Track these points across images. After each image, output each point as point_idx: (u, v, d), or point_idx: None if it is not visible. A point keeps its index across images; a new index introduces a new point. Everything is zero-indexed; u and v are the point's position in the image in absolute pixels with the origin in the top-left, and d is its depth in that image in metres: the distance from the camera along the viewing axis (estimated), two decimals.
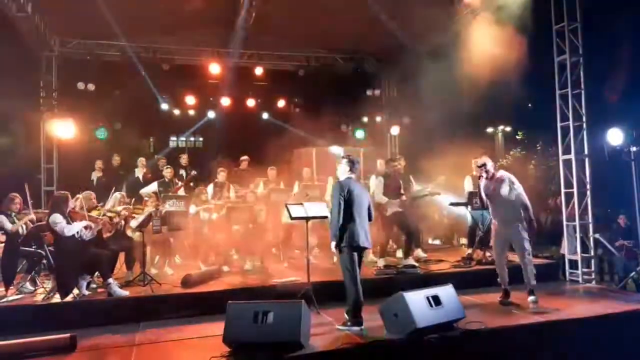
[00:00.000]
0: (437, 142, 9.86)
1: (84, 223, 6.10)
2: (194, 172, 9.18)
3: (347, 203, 5.13)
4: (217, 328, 4.78)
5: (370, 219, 5.38)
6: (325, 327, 5.27)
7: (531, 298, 5.74)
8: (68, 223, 5.94)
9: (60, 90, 10.94)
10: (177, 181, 8.74)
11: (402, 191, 7.96)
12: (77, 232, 6.02)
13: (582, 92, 7.42)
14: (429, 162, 9.11)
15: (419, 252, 8.58)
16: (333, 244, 5.19)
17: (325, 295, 5.97)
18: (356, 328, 5.08)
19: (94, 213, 6.64)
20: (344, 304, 5.35)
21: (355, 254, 5.20)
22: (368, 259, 8.15)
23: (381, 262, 7.64)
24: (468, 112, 11.23)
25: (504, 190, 5.85)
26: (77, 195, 6.73)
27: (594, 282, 7.27)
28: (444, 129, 9.91)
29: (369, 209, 5.36)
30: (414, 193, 8.40)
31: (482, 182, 6.05)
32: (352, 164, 5.39)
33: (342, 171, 5.41)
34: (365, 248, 5.29)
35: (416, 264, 7.49)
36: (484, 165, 6.00)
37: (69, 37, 10.96)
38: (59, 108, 10.70)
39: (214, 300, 5.82)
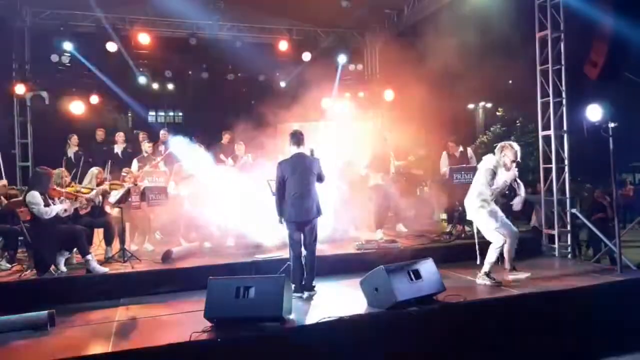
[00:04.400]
0: (419, 118, 9.87)
1: (63, 206, 5.97)
2: (170, 150, 9.02)
3: (282, 182, 5.49)
4: (198, 304, 4.78)
5: (320, 180, 5.63)
6: (307, 302, 5.32)
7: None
8: (46, 204, 5.80)
9: (33, 62, 10.60)
10: (153, 157, 8.59)
11: (389, 167, 8.04)
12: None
13: (563, 68, 7.46)
14: (410, 137, 9.12)
15: (400, 227, 8.69)
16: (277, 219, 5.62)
17: None
18: (298, 295, 5.36)
19: (68, 190, 6.51)
20: (325, 278, 5.43)
21: (294, 225, 5.46)
22: (349, 234, 8.23)
23: (379, 234, 7.73)
24: (450, 88, 11.26)
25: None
26: (53, 171, 6.58)
27: (569, 255, 7.44)
28: (426, 105, 9.90)
29: (319, 176, 5.59)
30: (396, 168, 8.42)
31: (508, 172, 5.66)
32: (294, 138, 5.61)
33: (289, 148, 5.66)
34: (300, 222, 5.47)
35: (396, 239, 7.57)
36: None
37: (41, 8, 10.55)
38: (33, 81, 10.37)
39: (195, 276, 5.81)
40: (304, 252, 5.51)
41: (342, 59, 12.40)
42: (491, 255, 5.73)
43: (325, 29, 12.49)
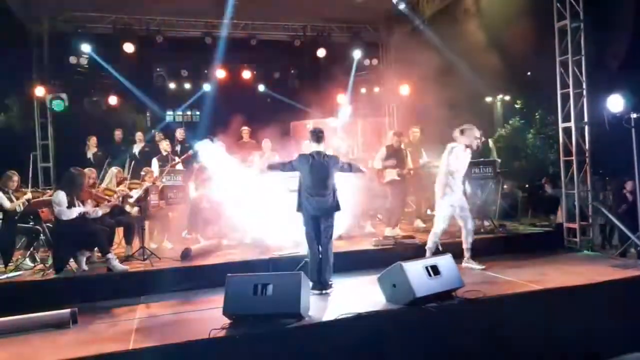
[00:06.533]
0: (435, 112, 9.77)
1: (81, 209, 6.04)
2: (191, 151, 9.08)
3: (290, 169, 5.66)
4: (217, 301, 4.82)
5: (358, 170, 5.93)
6: (325, 298, 5.31)
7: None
8: (69, 206, 5.88)
9: (52, 65, 10.76)
10: (173, 157, 8.65)
11: (406, 162, 7.93)
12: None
13: (583, 58, 7.30)
14: (427, 132, 9.04)
15: (418, 222, 8.62)
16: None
17: None
18: (316, 292, 5.31)
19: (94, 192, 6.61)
20: (342, 274, 5.39)
21: (310, 220, 5.49)
22: (366, 230, 8.19)
23: (389, 232, 7.66)
24: (467, 81, 11.12)
25: None
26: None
27: (592, 249, 7.30)
28: (442, 99, 9.80)
29: (349, 167, 5.77)
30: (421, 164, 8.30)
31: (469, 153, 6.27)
32: (314, 136, 5.59)
33: (309, 145, 5.67)
34: (316, 217, 5.49)
35: (414, 235, 7.52)
36: None
37: (59, 10, 10.69)
38: (52, 83, 10.53)
39: (214, 274, 5.85)
40: (320, 248, 5.50)
41: (357, 54, 12.30)
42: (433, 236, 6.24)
43: (340, 24, 12.42)
